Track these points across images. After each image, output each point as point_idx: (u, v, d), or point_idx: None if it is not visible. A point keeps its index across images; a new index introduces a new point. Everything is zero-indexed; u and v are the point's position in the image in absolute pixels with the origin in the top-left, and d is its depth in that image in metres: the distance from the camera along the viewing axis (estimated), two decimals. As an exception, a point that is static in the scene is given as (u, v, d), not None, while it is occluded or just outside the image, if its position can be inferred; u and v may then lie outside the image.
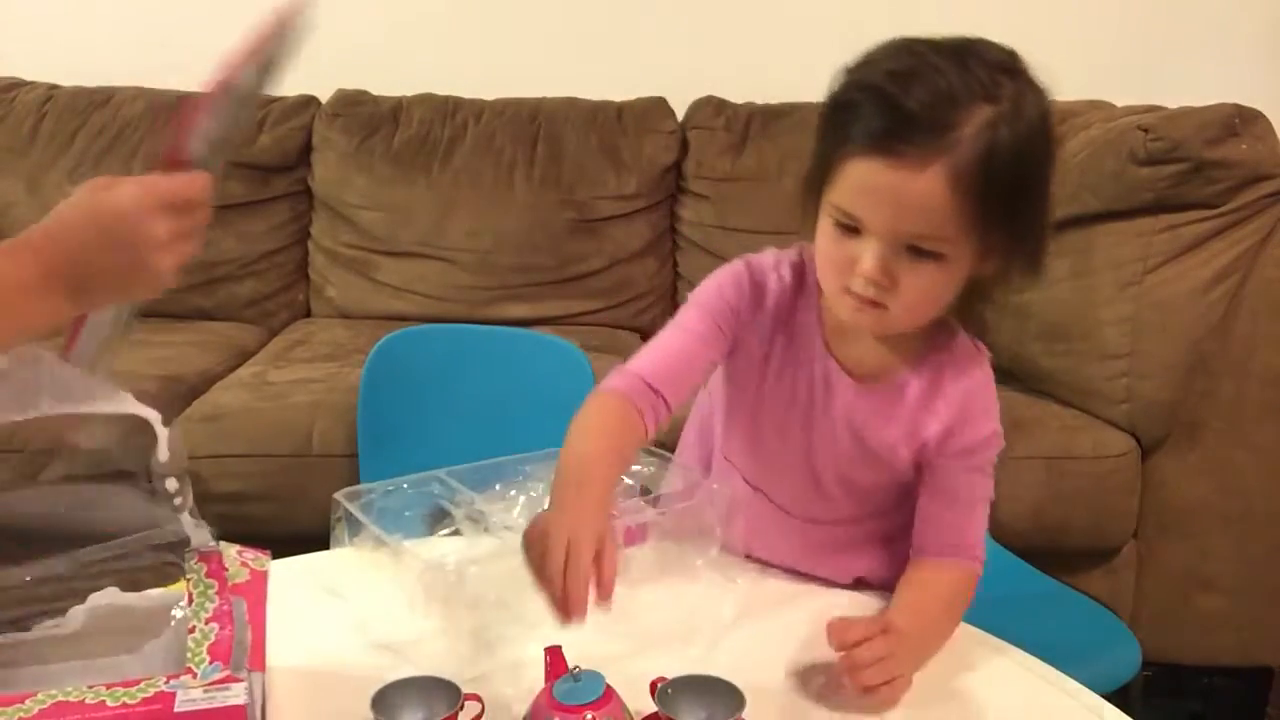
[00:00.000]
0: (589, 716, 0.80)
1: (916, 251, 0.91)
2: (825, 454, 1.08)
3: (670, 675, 0.86)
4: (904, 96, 0.89)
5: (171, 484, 0.82)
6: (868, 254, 0.91)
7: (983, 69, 0.91)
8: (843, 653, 0.92)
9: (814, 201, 0.96)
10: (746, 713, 0.83)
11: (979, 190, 0.88)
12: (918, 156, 0.87)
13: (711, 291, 1.08)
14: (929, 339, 1.04)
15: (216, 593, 0.75)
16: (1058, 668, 1.00)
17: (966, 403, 1.03)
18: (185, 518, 0.81)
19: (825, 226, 0.96)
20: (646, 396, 1.02)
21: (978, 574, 1.06)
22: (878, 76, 0.92)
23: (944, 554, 1.05)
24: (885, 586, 1.10)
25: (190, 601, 0.74)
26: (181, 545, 0.81)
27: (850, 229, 0.93)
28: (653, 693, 0.85)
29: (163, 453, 0.79)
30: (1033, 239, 0.95)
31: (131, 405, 0.78)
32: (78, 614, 0.77)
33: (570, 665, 0.85)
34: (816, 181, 0.95)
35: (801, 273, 1.07)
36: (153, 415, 0.79)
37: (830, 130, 0.94)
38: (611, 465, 0.96)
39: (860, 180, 0.91)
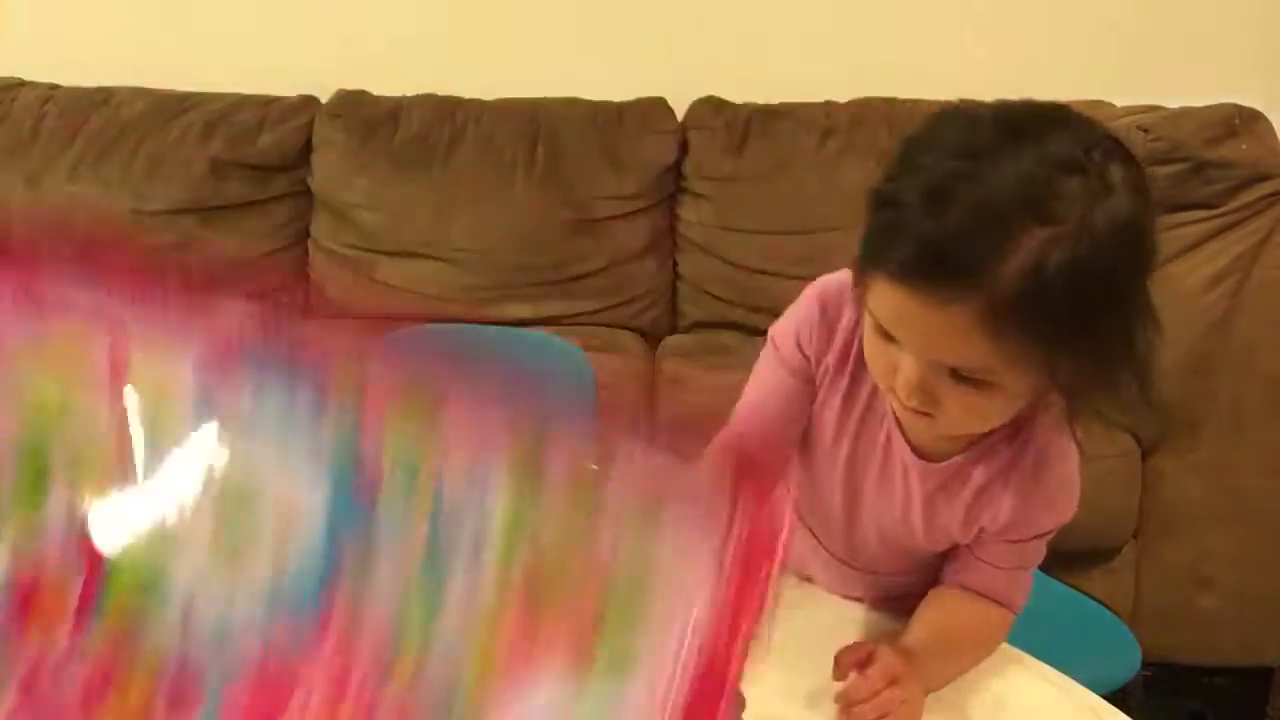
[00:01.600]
0: None
1: (958, 376, 0.80)
2: (870, 515, 1.02)
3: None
4: (935, 223, 0.75)
5: None
6: (906, 367, 0.82)
7: (1046, 169, 0.75)
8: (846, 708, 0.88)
9: (861, 287, 0.85)
10: (746, 715, 0.83)
11: (1018, 326, 0.75)
12: (941, 292, 0.76)
13: (788, 336, 1.01)
14: (1003, 432, 0.93)
15: None
16: (1058, 668, 1.00)
17: (1034, 499, 0.94)
18: None
19: (869, 322, 0.85)
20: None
21: (1011, 622, 1.00)
22: (915, 190, 0.78)
23: (981, 594, 1.00)
24: None
25: None
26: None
27: (889, 337, 0.83)
28: None
29: None
30: (1113, 364, 0.80)
31: None
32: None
33: None
34: (860, 273, 0.85)
35: None
36: None
37: (870, 231, 0.82)
38: None
39: (888, 304, 0.80)
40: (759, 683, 0.88)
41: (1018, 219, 0.74)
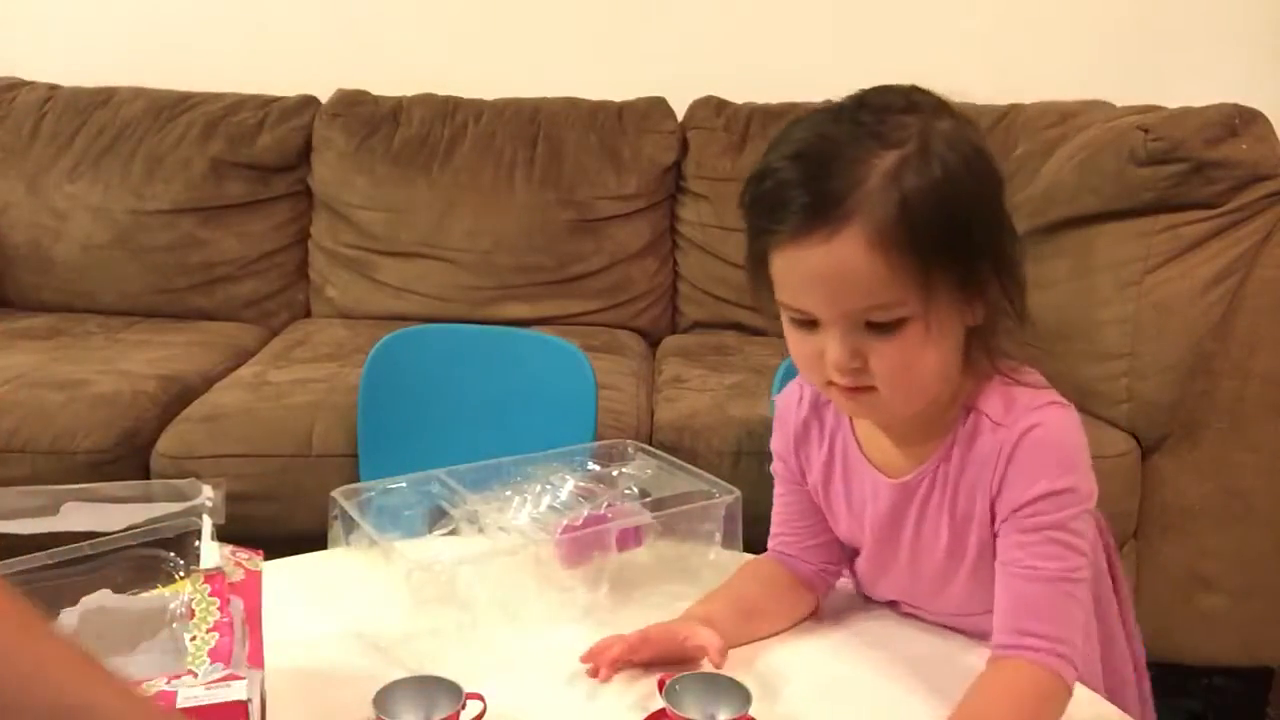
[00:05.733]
0: None
1: (875, 326, 0.84)
2: (894, 557, 1.01)
3: (677, 673, 0.87)
4: (792, 173, 0.84)
5: (207, 492, 0.83)
6: (830, 343, 0.86)
7: (872, 116, 0.85)
8: None
9: (770, 301, 0.90)
10: (753, 710, 0.83)
11: (904, 243, 0.81)
12: (824, 229, 0.82)
13: (774, 450, 1.08)
14: (951, 415, 0.93)
15: (219, 608, 0.76)
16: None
17: (1013, 457, 0.90)
18: (206, 539, 0.82)
19: (787, 325, 0.90)
20: (784, 558, 1.07)
21: (1061, 675, 0.87)
22: (768, 162, 0.87)
23: (1011, 645, 0.88)
24: None
25: (192, 616, 0.74)
26: (177, 542, 0.81)
27: (807, 323, 0.87)
28: (661, 689, 0.85)
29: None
30: (1002, 274, 0.87)
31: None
32: (70, 617, 0.77)
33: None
34: (763, 285, 0.89)
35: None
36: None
37: (751, 231, 0.89)
38: (704, 602, 1.02)
39: (787, 271, 0.86)
40: (760, 669, 0.89)
41: (863, 152, 0.83)
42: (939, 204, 0.82)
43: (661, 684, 0.86)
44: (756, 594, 1.03)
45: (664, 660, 0.94)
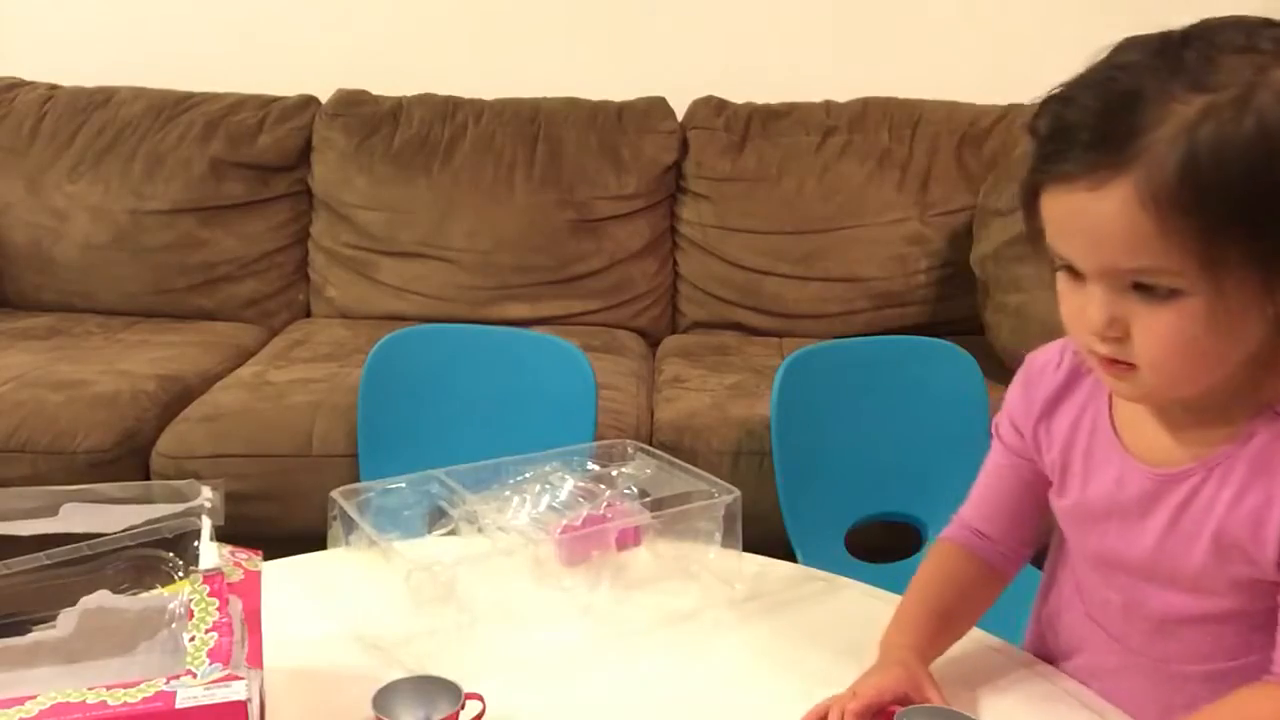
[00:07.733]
0: None
1: (1145, 290, 0.72)
2: (1143, 567, 0.86)
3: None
4: (1083, 105, 0.73)
5: (206, 493, 0.83)
6: (1091, 302, 0.75)
7: (1197, 53, 0.71)
8: None
9: (1040, 239, 0.78)
10: None
11: (1186, 205, 0.68)
12: (1096, 174, 0.70)
13: (1003, 416, 0.98)
14: (1241, 409, 0.79)
15: (218, 609, 0.76)
16: (1058, 668, 1.00)
17: None
18: (206, 540, 0.82)
19: (1059, 278, 0.79)
20: (972, 540, 1.00)
21: None
22: (1069, 85, 0.75)
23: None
24: None
25: (191, 616, 0.74)
26: (176, 542, 0.81)
27: (1076, 274, 0.76)
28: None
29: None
30: None
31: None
32: (69, 617, 0.77)
33: None
34: (1034, 221, 0.78)
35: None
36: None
37: (1031, 161, 0.77)
38: (903, 626, 0.95)
39: (1050, 214, 0.75)
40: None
41: (1161, 95, 0.70)
42: (1242, 165, 0.68)
43: (889, 716, 0.85)
44: (953, 601, 0.98)
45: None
